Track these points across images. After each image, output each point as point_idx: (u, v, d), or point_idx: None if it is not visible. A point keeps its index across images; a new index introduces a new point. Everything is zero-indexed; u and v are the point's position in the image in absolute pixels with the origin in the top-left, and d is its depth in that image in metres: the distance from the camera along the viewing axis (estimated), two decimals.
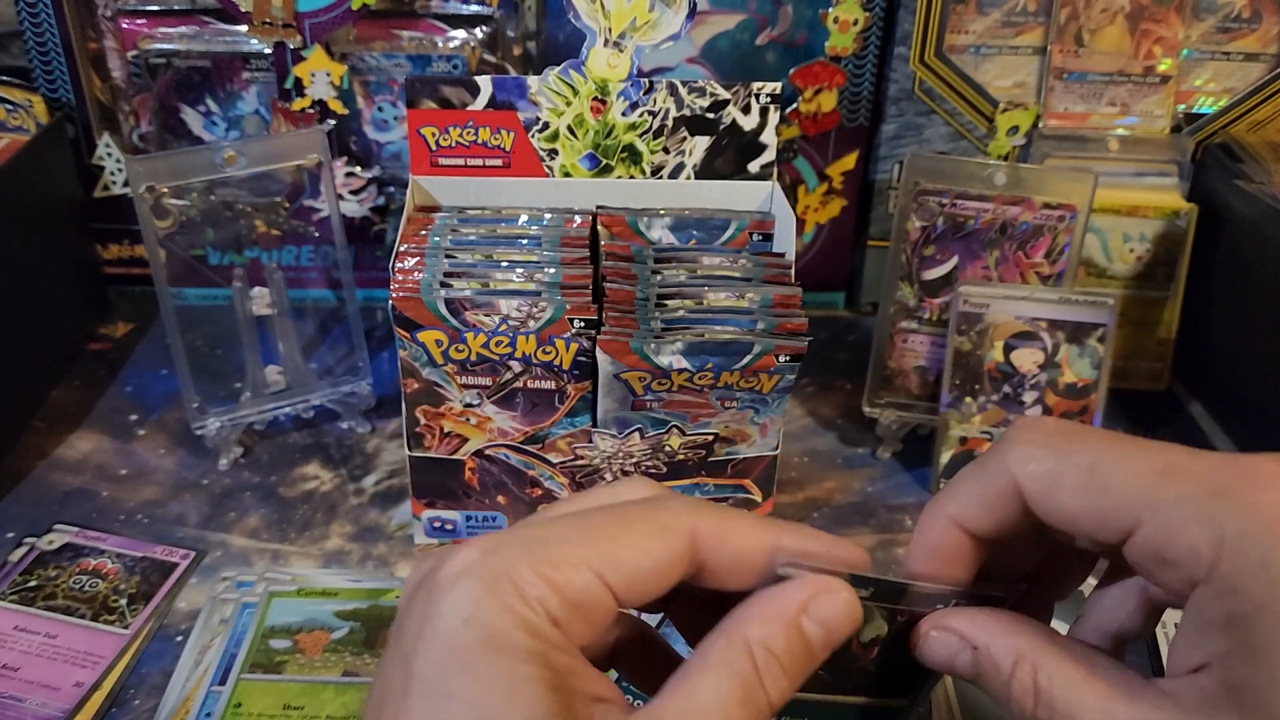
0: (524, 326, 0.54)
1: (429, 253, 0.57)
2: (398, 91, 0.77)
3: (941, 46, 0.75)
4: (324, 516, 0.64)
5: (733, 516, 0.31)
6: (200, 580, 0.59)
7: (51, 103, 0.76)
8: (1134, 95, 0.77)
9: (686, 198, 0.63)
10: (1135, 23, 0.76)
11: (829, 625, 0.30)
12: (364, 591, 0.57)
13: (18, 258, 0.69)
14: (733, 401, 0.56)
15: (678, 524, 0.30)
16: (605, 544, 0.29)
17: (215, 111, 0.77)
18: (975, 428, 0.66)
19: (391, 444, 0.70)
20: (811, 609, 0.30)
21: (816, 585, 0.30)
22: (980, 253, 0.68)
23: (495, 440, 0.58)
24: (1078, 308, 0.64)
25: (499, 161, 0.62)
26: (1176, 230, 0.74)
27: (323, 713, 0.51)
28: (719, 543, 0.30)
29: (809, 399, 0.76)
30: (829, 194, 0.82)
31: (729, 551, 0.31)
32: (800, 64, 0.77)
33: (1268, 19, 0.77)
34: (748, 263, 0.59)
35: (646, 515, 0.30)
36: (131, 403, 0.73)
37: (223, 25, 0.76)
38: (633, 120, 0.62)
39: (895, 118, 0.79)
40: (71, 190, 0.78)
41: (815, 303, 0.87)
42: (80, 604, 0.57)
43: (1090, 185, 0.66)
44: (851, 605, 0.31)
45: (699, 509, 0.31)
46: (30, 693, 0.52)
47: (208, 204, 0.77)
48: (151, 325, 0.81)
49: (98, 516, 0.63)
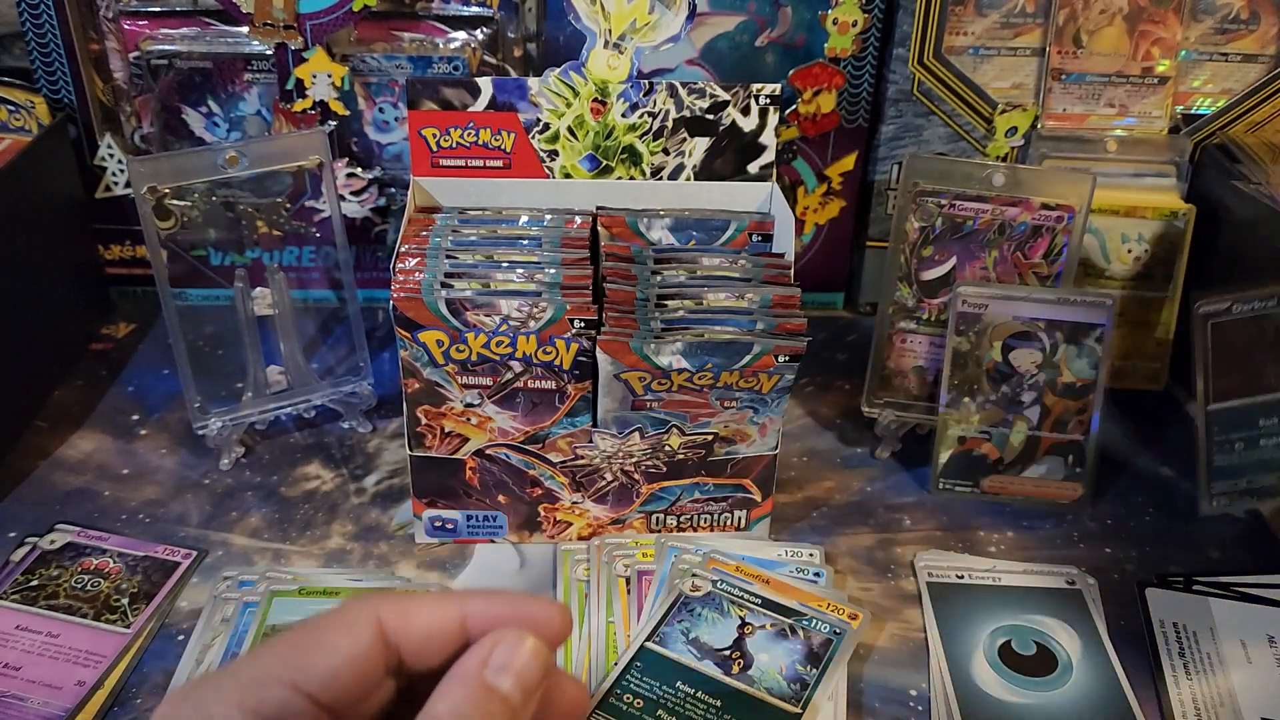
0: (524, 327, 0.54)
1: (430, 253, 0.57)
2: (399, 93, 0.77)
3: (940, 48, 0.76)
4: (325, 516, 0.64)
5: (417, 597, 0.32)
6: (202, 579, 0.59)
7: (53, 104, 0.77)
8: (1132, 96, 0.77)
9: (686, 199, 0.63)
10: (1134, 24, 0.76)
11: (517, 672, 0.31)
12: (365, 591, 0.57)
13: (20, 258, 0.69)
14: (732, 401, 0.56)
15: (361, 616, 0.31)
16: (293, 654, 0.30)
17: (217, 112, 0.78)
18: (974, 427, 0.66)
19: (392, 444, 0.70)
20: (492, 663, 0.31)
21: (493, 640, 0.31)
22: (979, 253, 0.68)
23: (496, 440, 0.58)
24: (1076, 308, 0.64)
25: (499, 162, 0.63)
26: (1174, 231, 0.74)
27: None
28: (405, 623, 0.31)
29: (808, 399, 0.76)
30: (828, 195, 0.83)
31: (417, 629, 0.31)
32: (799, 65, 0.77)
33: (1266, 20, 0.77)
34: (747, 263, 0.59)
35: (331, 617, 0.31)
36: (133, 403, 0.73)
37: (224, 26, 0.76)
38: (633, 121, 0.62)
39: (894, 119, 0.80)
40: (73, 191, 0.79)
41: (814, 303, 0.87)
42: (82, 603, 0.57)
43: (1088, 186, 0.66)
44: (535, 648, 0.31)
45: (382, 597, 0.32)
46: (32, 692, 0.52)
47: (209, 205, 0.77)
48: (153, 325, 0.81)
49: (99, 516, 0.63)
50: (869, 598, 0.59)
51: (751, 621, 0.55)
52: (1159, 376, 0.77)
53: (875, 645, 0.56)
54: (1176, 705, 0.53)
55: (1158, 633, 0.57)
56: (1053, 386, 0.65)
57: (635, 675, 0.52)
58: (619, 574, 0.59)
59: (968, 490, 0.66)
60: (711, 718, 0.50)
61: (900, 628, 0.57)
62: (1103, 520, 0.65)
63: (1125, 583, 0.61)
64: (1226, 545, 0.64)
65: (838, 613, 0.56)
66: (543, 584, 0.59)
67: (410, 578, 0.59)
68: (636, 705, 0.51)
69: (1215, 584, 0.60)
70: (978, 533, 0.64)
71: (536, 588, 0.59)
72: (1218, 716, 0.52)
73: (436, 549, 0.62)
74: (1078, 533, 0.64)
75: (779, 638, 0.55)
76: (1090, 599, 0.59)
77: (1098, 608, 0.58)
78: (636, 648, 0.54)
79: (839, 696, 0.52)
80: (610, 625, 0.56)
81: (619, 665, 0.53)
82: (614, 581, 0.58)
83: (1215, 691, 0.54)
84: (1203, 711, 0.53)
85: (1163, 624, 0.58)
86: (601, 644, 0.55)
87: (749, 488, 0.61)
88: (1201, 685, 0.54)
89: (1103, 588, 0.60)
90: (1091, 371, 0.65)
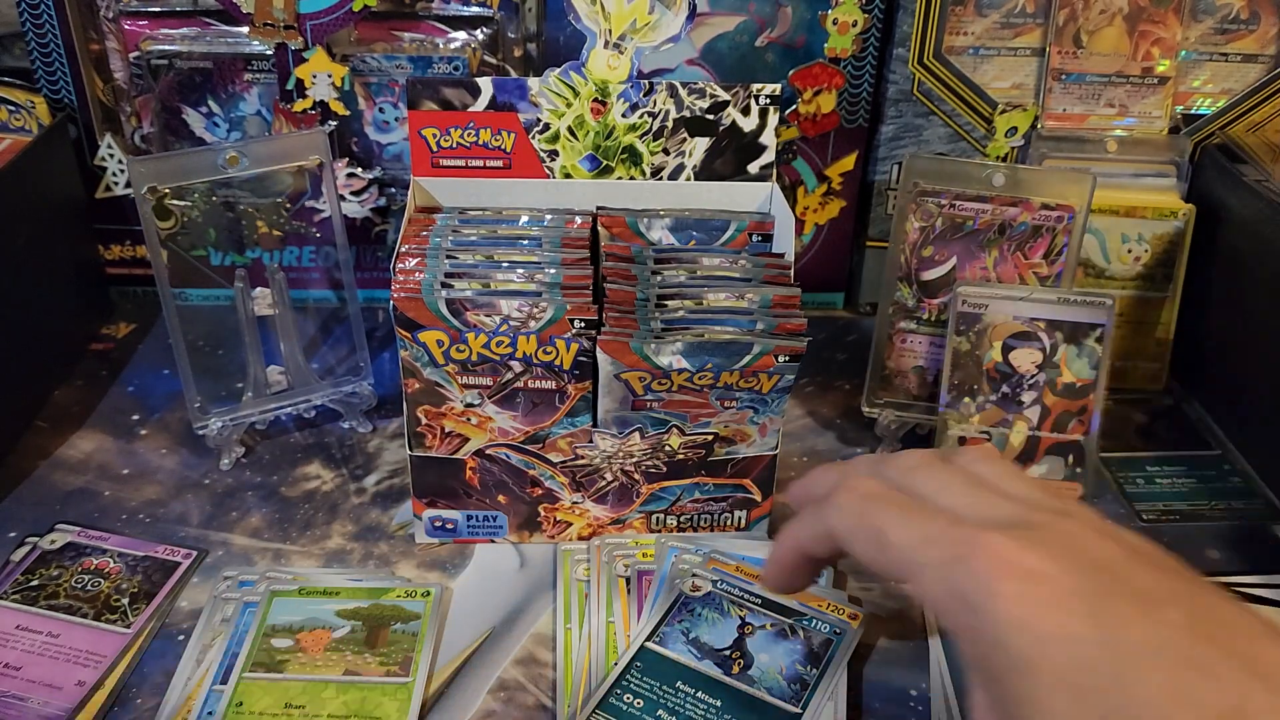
0: (525, 327, 0.54)
1: (430, 253, 0.57)
2: (399, 93, 0.77)
3: (940, 48, 0.76)
4: (325, 516, 0.64)
5: None
6: (202, 579, 0.59)
7: (54, 104, 0.77)
8: (1132, 96, 0.77)
9: (686, 199, 0.63)
10: (1134, 24, 0.76)
11: None
12: (365, 591, 0.57)
13: (20, 258, 0.69)
14: (732, 401, 0.56)
15: None
16: None
17: (217, 113, 0.78)
18: (974, 427, 0.66)
19: (393, 444, 0.70)
20: None
21: None
22: (979, 253, 0.68)
23: (496, 440, 0.58)
24: (1076, 308, 0.64)
25: (500, 162, 0.63)
26: (1174, 231, 0.74)
27: (324, 711, 0.51)
28: None
29: (808, 399, 0.76)
30: (828, 195, 0.83)
31: None
32: (799, 65, 0.77)
33: (1266, 20, 0.77)
34: (747, 263, 0.59)
35: None
36: (133, 402, 0.73)
37: (224, 27, 0.76)
38: (633, 121, 0.62)
39: (894, 119, 0.80)
40: (74, 191, 0.79)
41: (814, 303, 0.87)
42: (82, 603, 0.57)
43: (1088, 186, 0.66)
44: None
45: None
46: (33, 692, 0.52)
47: (209, 205, 0.77)
48: (153, 325, 0.81)
49: (100, 516, 0.63)
50: (869, 598, 0.59)
51: (751, 621, 0.55)
52: (1159, 376, 0.78)
53: (875, 645, 0.56)
54: None
55: None
56: (1053, 386, 0.65)
57: (635, 675, 0.52)
58: (619, 574, 0.59)
59: None
60: (711, 718, 0.50)
61: (900, 628, 0.57)
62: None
63: None
64: (1226, 545, 0.64)
65: (838, 613, 0.56)
66: (543, 584, 0.59)
67: (410, 578, 0.60)
68: (636, 705, 0.51)
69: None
70: None
71: (536, 587, 0.59)
72: None
73: (436, 549, 0.62)
74: None
75: (779, 638, 0.55)
76: None
77: None
78: (636, 648, 0.54)
79: (839, 696, 0.52)
80: (610, 625, 0.56)
81: (619, 665, 0.53)
82: (614, 581, 0.58)
83: None
84: None
85: None
86: (602, 644, 0.55)
87: (749, 488, 0.61)
88: None
89: None
90: (1091, 371, 0.65)
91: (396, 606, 0.56)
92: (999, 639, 0.33)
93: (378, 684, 0.52)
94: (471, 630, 0.56)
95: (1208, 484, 0.69)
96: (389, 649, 0.54)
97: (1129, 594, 0.34)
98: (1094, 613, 0.33)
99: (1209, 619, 0.34)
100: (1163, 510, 0.66)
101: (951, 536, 0.36)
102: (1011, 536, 0.35)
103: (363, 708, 0.51)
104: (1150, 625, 0.33)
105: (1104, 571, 0.35)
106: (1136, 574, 0.35)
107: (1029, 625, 0.33)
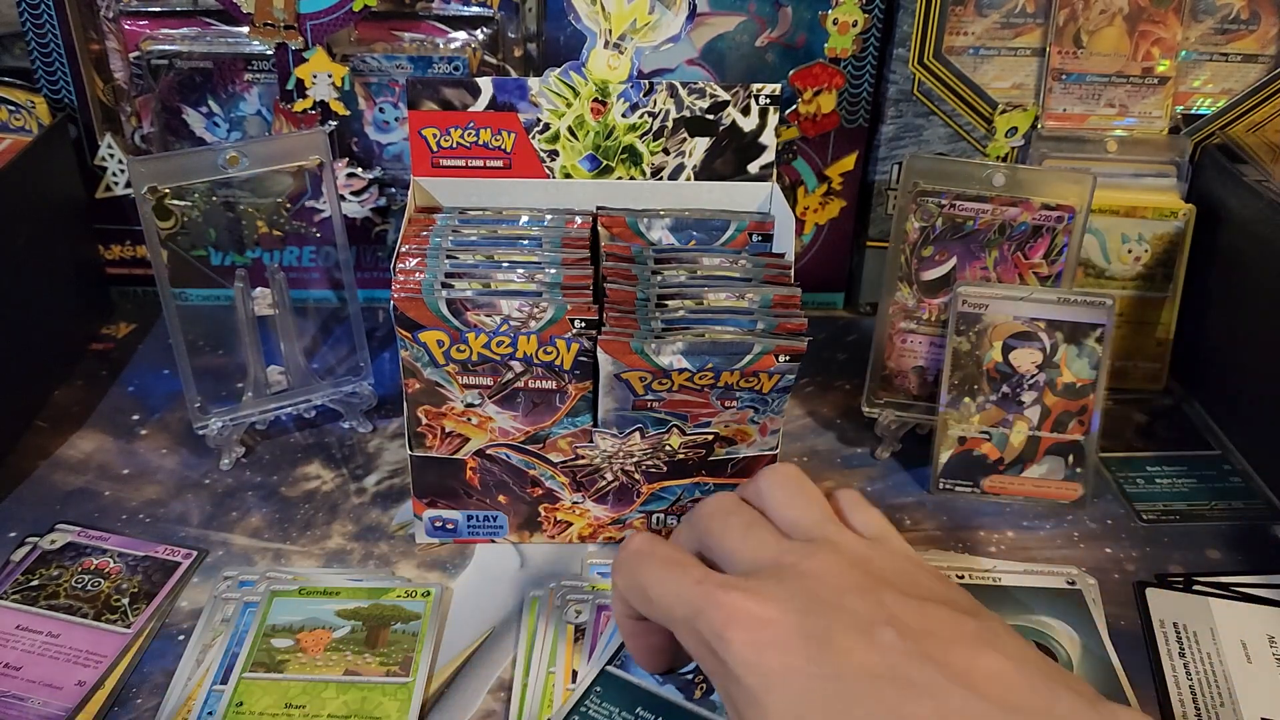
0: (525, 327, 0.54)
1: (430, 253, 0.57)
2: (399, 93, 0.77)
3: (940, 48, 0.76)
4: (325, 516, 0.64)
5: None
6: (202, 579, 0.59)
7: (54, 104, 0.77)
8: (1132, 96, 0.77)
9: (686, 199, 0.63)
10: (1134, 24, 0.76)
11: None
12: (365, 591, 0.57)
13: (20, 258, 0.69)
14: (733, 401, 0.56)
15: None
16: None
17: (217, 112, 0.78)
18: (974, 428, 0.66)
19: (393, 444, 0.70)
20: None
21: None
22: (979, 253, 0.68)
23: (496, 440, 0.58)
24: (1076, 308, 0.64)
25: (500, 162, 0.63)
26: (1175, 231, 0.74)
27: (324, 711, 0.51)
28: None
29: (809, 399, 0.76)
30: (828, 195, 0.83)
31: None
32: (800, 65, 0.77)
33: (1266, 20, 0.77)
34: (747, 263, 0.59)
35: None
36: (133, 402, 0.73)
37: (224, 26, 0.76)
38: (633, 121, 0.62)
39: (894, 119, 0.80)
40: (74, 191, 0.79)
41: (814, 303, 0.87)
42: (82, 603, 0.57)
43: (1089, 186, 0.66)
44: None
45: None
46: (32, 692, 0.52)
47: (210, 205, 0.77)
48: (153, 325, 0.81)
49: (100, 516, 0.63)
50: None
51: None
52: (1159, 377, 0.78)
53: None
54: (1176, 705, 0.53)
55: (1158, 633, 0.57)
56: (1053, 386, 0.65)
57: (595, 701, 0.51)
58: (568, 620, 0.56)
59: (968, 490, 0.66)
60: None
61: None
62: (1103, 520, 0.66)
63: (1125, 583, 0.61)
64: (1226, 545, 0.64)
65: None
66: (543, 585, 0.59)
67: (410, 578, 0.60)
68: None
69: (1215, 584, 0.60)
70: (978, 533, 0.64)
71: (537, 588, 0.59)
72: (1218, 717, 0.52)
73: (436, 549, 0.62)
74: (1078, 533, 0.64)
75: None
76: (1090, 599, 0.59)
77: (1098, 608, 0.58)
78: (596, 671, 0.53)
79: None
80: (550, 675, 0.53)
81: (577, 690, 0.52)
82: (562, 629, 0.56)
83: (1215, 692, 0.54)
84: (1203, 711, 0.53)
85: (1163, 624, 0.58)
86: (538, 696, 0.52)
87: None
88: (1201, 685, 0.54)
89: (1103, 588, 0.60)
90: (1092, 372, 0.65)
91: (396, 606, 0.56)
92: (736, 678, 0.39)
93: (378, 684, 0.52)
94: (471, 630, 0.56)
95: (1208, 484, 0.69)
96: (389, 649, 0.54)
97: (850, 625, 0.38)
98: (816, 648, 0.38)
99: (926, 636, 0.38)
100: (1162, 510, 0.67)
101: (695, 594, 0.41)
102: (744, 589, 0.40)
103: (363, 708, 0.51)
104: (869, 651, 0.37)
105: (827, 607, 0.39)
106: (863, 602, 0.40)
107: (756, 666, 0.38)
